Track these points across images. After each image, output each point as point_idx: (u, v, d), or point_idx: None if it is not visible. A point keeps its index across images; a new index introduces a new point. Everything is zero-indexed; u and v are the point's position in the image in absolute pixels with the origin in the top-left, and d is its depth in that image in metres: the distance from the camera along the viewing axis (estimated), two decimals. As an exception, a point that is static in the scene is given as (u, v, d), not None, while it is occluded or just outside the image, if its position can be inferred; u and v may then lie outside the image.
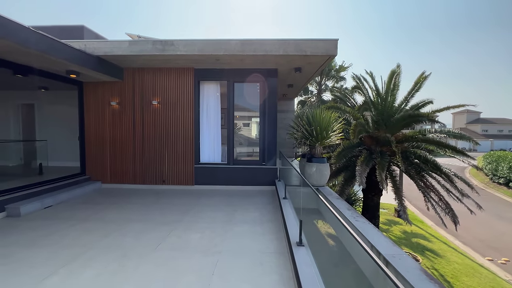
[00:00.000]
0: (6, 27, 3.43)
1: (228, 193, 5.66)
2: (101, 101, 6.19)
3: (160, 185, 6.13)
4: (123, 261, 2.72)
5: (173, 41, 5.09)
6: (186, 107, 6.05)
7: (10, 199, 4.32)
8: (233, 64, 5.74)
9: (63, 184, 5.50)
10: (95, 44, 5.23)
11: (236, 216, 4.17)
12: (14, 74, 4.79)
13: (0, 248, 3.01)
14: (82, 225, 3.76)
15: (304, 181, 2.96)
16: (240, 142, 7.54)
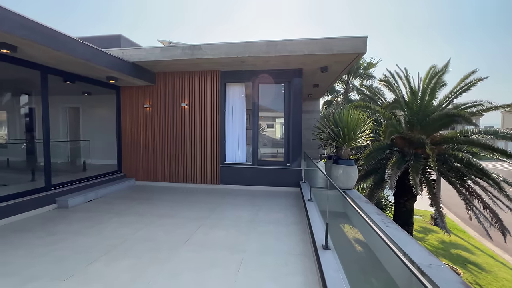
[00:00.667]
0: (58, 39, 3.87)
1: (252, 193, 5.72)
2: (135, 104, 6.67)
3: (188, 184, 6.40)
4: (156, 254, 2.90)
5: (201, 46, 5.30)
6: (213, 109, 6.25)
7: (60, 192, 4.85)
8: (258, 66, 5.80)
9: (103, 180, 6.02)
10: (131, 51, 5.65)
11: (260, 216, 4.19)
12: (64, 81, 5.38)
13: (52, 236, 3.39)
14: (119, 218, 4.08)
15: (330, 184, 2.89)
16: (264, 143, 7.57)
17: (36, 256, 2.84)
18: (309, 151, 9.54)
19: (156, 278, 2.43)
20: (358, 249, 4.08)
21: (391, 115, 7.02)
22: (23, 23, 3.36)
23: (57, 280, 2.38)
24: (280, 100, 6.25)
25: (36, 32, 3.53)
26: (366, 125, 5.30)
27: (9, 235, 3.40)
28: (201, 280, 2.41)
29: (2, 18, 3.11)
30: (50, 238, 3.32)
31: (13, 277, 2.42)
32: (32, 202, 4.29)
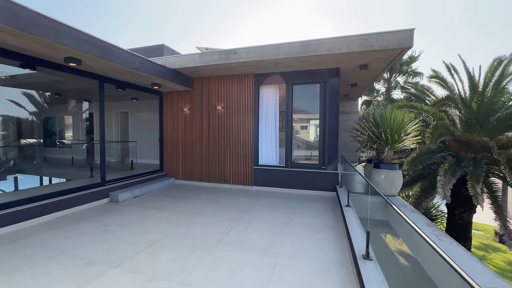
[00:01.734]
0: (113, 52, 4.36)
1: (285, 196, 5.64)
2: (176, 108, 7.14)
3: (222, 184, 6.61)
4: (193, 250, 3.04)
5: (236, 50, 5.45)
6: (247, 111, 6.36)
7: (112, 188, 5.42)
8: (292, 67, 5.73)
9: (147, 178, 6.56)
10: (172, 59, 6.08)
11: (294, 220, 4.10)
12: (116, 88, 6.02)
13: (106, 226, 3.80)
14: (160, 214, 4.39)
15: (371, 189, 2.68)
16: (298, 145, 7.43)
17: (95, 243, 3.21)
18: (346, 154, 9.05)
19: (193, 273, 2.54)
20: (403, 263, 3.71)
21: (442, 114, 6.27)
22: (87, 39, 3.86)
23: (110, 266, 2.65)
24: (315, 101, 6.07)
25: (96, 46, 4.03)
26: (413, 126, 4.83)
27: (75, 223, 3.91)
28: (235, 280, 2.44)
29: (73, 36, 3.62)
30: (105, 228, 3.72)
31: (80, 260, 2.77)
32: (91, 195, 4.89)
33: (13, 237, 3.36)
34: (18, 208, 3.75)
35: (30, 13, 3.12)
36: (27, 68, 4.33)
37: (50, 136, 9.18)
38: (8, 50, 3.71)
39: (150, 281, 2.41)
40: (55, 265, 2.66)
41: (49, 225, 3.82)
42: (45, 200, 4.14)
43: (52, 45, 3.54)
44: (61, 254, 2.91)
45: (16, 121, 7.62)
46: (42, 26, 3.26)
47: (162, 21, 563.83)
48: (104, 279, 2.42)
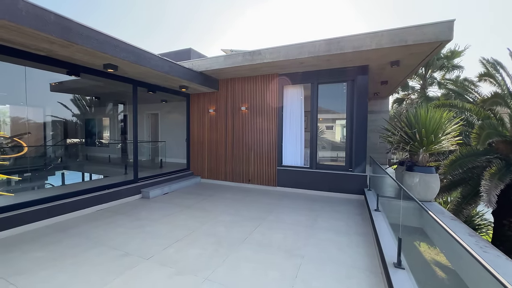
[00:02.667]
0: (146, 57, 4.65)
1: (310, 198, 5.52)
2: (201, 109, 7.39)
3: (246, 184, 6.68)
4: (218, 247, 3.12)
5: (260, 51, 5.47)
6: (271, 112, 6.35)
7: (144, 185, 5.78)
8: (318, 66, 5.60)
9: (175, 176, 6.88)
10: (199, 62, 6.30)
11: (320, 222, 4.00)
12: (148, 91, 6.41)
13: (139, 220, 4.07)
14: (187, 211, 4.57)
15: (404, 194, 2.51)
16: (323, 146, 7.24)
17: (129, 236, 3.45)
18: (375, 155, 8.60)
19: (218, 270, 2.60)
20: (441, 275, 3.43)
21: (489, 113, 5.66)
22: (123, 47, 4.17)
23: (142, 258, 2.83)
24: (341, 100, 5.86)
25: (131, 52, 4.33)
26: (452, 126, 4.43)
27: (112, 216, 4.25)
28: (259, 280, 2.45)
29: (111, 45, 3.94)
30: (138, 222, 3.99)
31: (116, 251, 3.00)
32: (125, 191, 5.26)
33: (62, 227, 3.75)
34: (65, 200, 4.18)
35: (75, 25, 3.46)
36: (73, 75, 4.81)
37: (90, 136, 10.07)
38: (58, 60, 4.16)
39: (178, 274, 2.53)
40: (95, 254, 2.92)
41: (91, 217, 4.19)
42: (87, 194, 4.55)
43: (93, 53, 3.89)
44: (101, 244, 3.18)
45: (63, 122, 8.48)
46: (85, 36, 3.59)
47: (158, 22, 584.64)
48: (137, 270, 2.59)
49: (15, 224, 3.51)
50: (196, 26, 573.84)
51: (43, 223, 3.82)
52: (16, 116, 6.98)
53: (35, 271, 2.55)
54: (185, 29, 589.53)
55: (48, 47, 3.59)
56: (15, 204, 3.68)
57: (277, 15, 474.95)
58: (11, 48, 3.58)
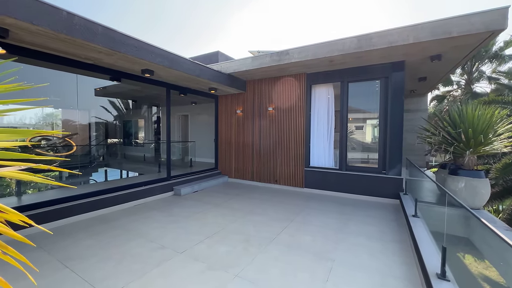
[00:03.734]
0: (179, 62, 4.90)
1: (339, 200, 5.34)
2: (229, 110, 7.57)
3: (273, 184, 6.68)
4: (247, 246, 3.17)
5: (288, 51, 5.44)
6: (298, 112, 6.28)
7: (175, 183, 6.09)
8: (348, 64, 5.39)
9: (204, 175, 7.13)
10: (227, 64, 6.46)
11: (350, 226, 3.85)
12: (179, 94, 6.74)
13: (172, 216, 4.31)
14: (216, 209, 4.72)
15: (449, 200, 2.31)
16: (352, 147, 6.96)
17: (164, 230, 3.67)
18: (412, 157, 8.00)
19: (247, 268, 2.65)
20: (492, 291, 3.08)
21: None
22: (159, 52, 4.45)
23: (176, 252, 2.99)
24: (373, 99, 5.58)
25: (166, 58, 4.61)
26: (506, 126, 3.95)
27: (148, 211, 4.55)
28: (288, 280, 2.44)
29: (148, 51, 4.23)
30: (172, 218, 4.22)
31: (153, 243, 3.22)
32: (159, 188, 5.60)
33: (105, 219, 4.12)
34: (108, 195, 4.59)
35: (118, 35, 3.78)
36: (115, 80, 5.26)
37: (128, 137, 10.89)
38: (103, 67, 4.58)
39: (209, 269, 2.62)
40: (135, 246, 3.15)
41: (129, 211, 4.54)
42: (126, 190, 4.94)
43: (133, 60, 4.21)
44: (139, 237, 3.43)
45: (104, 124, 9.30)
46: (127, 45, 3.90)
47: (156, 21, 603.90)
48: (172, 262, 2.75)
49: (67, 215, 3.95)
50: (223, 29, 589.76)
51: (89, 215, 4.23)
52: (66, 118, 7.83)
53: (86, 257, 2.84)
54: (215, 34, 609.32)
55: (95, 56, 3.97)
56: (67, 197, 4.14)
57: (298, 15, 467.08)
58: (65, 58, 4.03)
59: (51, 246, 3.11)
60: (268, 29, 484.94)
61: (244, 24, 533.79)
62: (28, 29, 2.96)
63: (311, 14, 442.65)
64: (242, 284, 2.38)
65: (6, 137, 1.19)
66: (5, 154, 0.98)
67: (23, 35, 3.14)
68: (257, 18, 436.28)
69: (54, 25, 3.01)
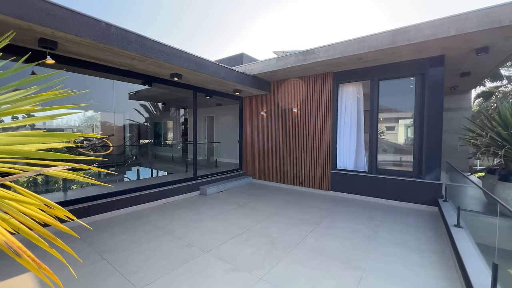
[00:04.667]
0: (205, 65, 5.04)
1: (369, 205, 5.05)
2: (253, 111, 7.60)
3: (297, 186, 6.55)
4: (271, 248, 3.13)
5: (314, 50, 5.30)
6: (324, 112, 6.08)
7: (201, 182, 6.27)
8: (379, 61, 5.09)
9: (228, 176, 7.24)
10: (252, 66, 6.49)
11: (382, 234, 3.61)
12: (205, 96, 6.93)
13: (198, 215, 4.43)
14: (240, 210, 4.75)
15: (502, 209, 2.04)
16: (383, 149, 6.58)
17: (191, 228, 3.79)
18: (453, 160, 7.29)
19: (272, 271, 2.61)
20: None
21: None
22: (187, 57, 4.62)
23: (202, 250, 3.06)
24: (407, 97, 5.20)
25: (193, 62, 4.77)
26: None
27: (176, 209, 4.74)
28: (314, 287, 2.35)
29: (177, 56, 4.42)
30: (198, 217, 4.34)
31: (180, 241, 3.34)
32: (186, 187, 5.81)
33: (137, 215, 4.38)
34: (140, 193, 4.87)
35: (150, 42, 4.00)
36: (146, 84, 5.57)
37: (157, 137, 11.49)
38: (136, 72, 4.88)
39: (234, 270, 2.63)
40: (164, 242, 3.29)
41: (159, 209, 4.77)
42: (156, 189, 5.20)
43: (162, 65, 4.42)
44: (168, 233, 3.58)
45: (137, 125, 9.92)
46: (157, 51, 4.11)
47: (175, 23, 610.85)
48: (198, 261, 2.81)
49: (104, 210, 4.26)
50: (247, 31, 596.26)
51: (124, 211, 4.52)
52: (104, 120, 8.51)
53: (120, 250, 3.03)
54: (238, 37, 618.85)
55: (129, 62, 4.25)
56: (104, 194, 4.47)
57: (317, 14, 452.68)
58: (104, 66, 4.37)
59: (91, 238, 3.38)
60: (292, 29, 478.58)
61: (268, 25, 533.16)
62: (74, 41, 3.26)
63: (335, 13, 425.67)
64: (266, 287, 2.35)
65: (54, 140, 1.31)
66: (52, 155, 1.07)
67: (69, 46, 3.47)
68: (280, 19, 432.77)
69: (95, 35, 3.27)
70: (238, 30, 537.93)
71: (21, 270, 2.55)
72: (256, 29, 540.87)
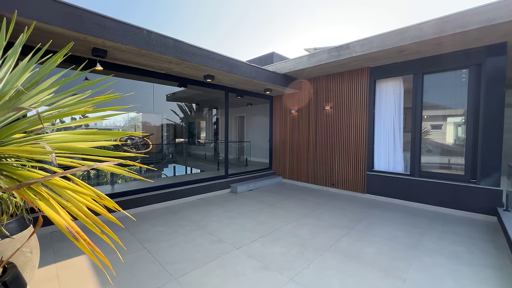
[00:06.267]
0: (237, 65, 5.14)
1: (409, 211, 4.64)
2: (284, 110, 7.52)
3: (329, 188, 6.32)
4: (302, 250, 3.07)
5: (348, 45, 5.04)
6: (359, 110, 5.75)
7: (232, 180, 6.42)
8: (423, 52, 4.63)
9: (258, 175, 7.29)
10: (282, 64, 6.43)
11: (426, 243, 3.28)
12: (237, 96, 7.07)
13: (229, 212, 4.55)
14: (270, 209, 4.74)
15: None
16: (428, 149, 6.00)
17: (223, 225, 3.91)
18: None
19: (303, 273, 2.55)
20: None
21: None
22: (219, 58, 4.77)
23: (233, 247, 3.13)
24: (456, 92, 4.65)
25: (225, 63, 4.90)
26: None
27: (209, 206, 4.94)
28: (349, 294, 2.24)
29: (210, 58, 4.59)
30: (229, 214, 4.46)
31: (213, 236, 3.47)
32: (218, 185, 6.01)
33: (173, 210, 4.66)
34: (176, 188, 5.17)
35: (185, 46, 4.21)
36: (182, 86, 5.88)
37: (191, 137, 12.09)
38: (173, 75, 5.18)
39: (264, 269, 2.64)
40: (197, 236, 3.45)
41: (193, 205, 5.01)
42: (191, 185, 5.47)
43: (197, 67, 4.62)
44: (201, 228, 3.74)
45: (173, 125, 10.56)
46: (192, 54, 4.32)
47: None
48: (230, 257, 2.88)
49: (145, 203, 4.63)
50: (274, 28, 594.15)
51: (161, 205, 4.85)
52: (145, 121, 9.24)
53: (159, 242, 3.26)
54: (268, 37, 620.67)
55: (167, 66, 4.54)
56: (145, 188, 4.85)
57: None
58: (145, 70, 4.73)
59: (134, 228, 3.69)
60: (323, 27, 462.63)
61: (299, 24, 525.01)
62: (120, 48, 3.59)
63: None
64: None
65: (105, 137, 1.45)
66: (103, 152, 1.19)
67: (116, 54, 3.83)
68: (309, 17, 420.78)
69: (137, 42, 3.56)
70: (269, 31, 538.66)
71: (78, 252, 2.90)
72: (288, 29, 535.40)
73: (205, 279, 2.45)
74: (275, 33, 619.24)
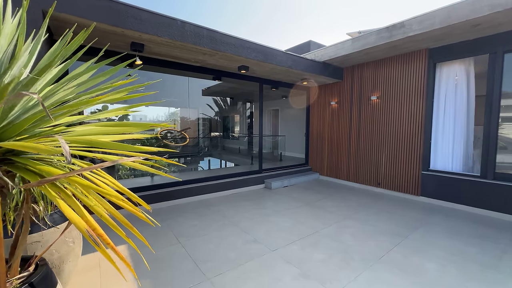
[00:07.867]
0: (273, 54, 4.83)
1: (480, 220, 3.85)
2: (322, 102, 6.97)
3: (373, 187, 5.68)
4: (346, 258, 2.70)
5: (403, 22, 4.31)
6: (414, 99, 4.97)
7: (266, 176, 6.20)
8: (505, 25, 3.70)
9: (294, 171, 6.95)
10: (322, 51, 5.89)
11: (508, 262, 2.62)
12: (271, 88, 6.76)
13: (264, 209, 4.35)
14: (308, 208, 4.41)
15: None
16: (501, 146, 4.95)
17: (257, 222, 3.73)
18: None
19: (349, 286, 2.21)
20: None
21: None
22: (254, 47, 4.51)
23: (269, 248, 2.91)
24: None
25: (260, 52, 4.62)
26: None
27: (242, 201, 4.82)
28: (410, 322, 1.84)
29: (244, 47, 4.36)
30: (263, 211, 4.26)
31: (247, 234, 3.31)
32: (252, 180, 5.85)
33: (207, 204, 4.65)
34: (211, 182, 5.16)
35: (219, 35, 4.04)
36: (216, 79, 5.80)
37: (226, 130, 12.21)
38: (207, 68, 5.10)
39: (303, 277, 2.36)
40: (231, 232, 3.32)
41: (226, 199, 4.95)
42: (225, 179, 5.42)
43: (231, 57, 4.44)
44: (234, 224, 3.61)
45: (208, 119, 10.74)
46: (226, 43, 4.14)
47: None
48: (265, 259, 2.67)
49: (181, 196, 4.70)
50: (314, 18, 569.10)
51: (196, 198, 4.88)
52: (183, 116, 9.55)
53: (192, 236, 3.22)
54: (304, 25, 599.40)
55: (201, 58, 4.45)
56: (182, 181, 4.93)
57: None
58: (180, 64, 4.72)
59: (170, 221, 3.74)
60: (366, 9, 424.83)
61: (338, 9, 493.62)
62: (156, 41, 3.58)
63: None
64: (344, 307, 1.99)
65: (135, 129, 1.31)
66: (124, 146, 1.03)
67: (152, 47, 3.84)
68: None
69: (172, 34, 3.50)
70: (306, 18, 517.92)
71: (119, 241, 2.99)
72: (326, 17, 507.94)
73: (240, 283, 2.28)
74: (312, 24, 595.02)
